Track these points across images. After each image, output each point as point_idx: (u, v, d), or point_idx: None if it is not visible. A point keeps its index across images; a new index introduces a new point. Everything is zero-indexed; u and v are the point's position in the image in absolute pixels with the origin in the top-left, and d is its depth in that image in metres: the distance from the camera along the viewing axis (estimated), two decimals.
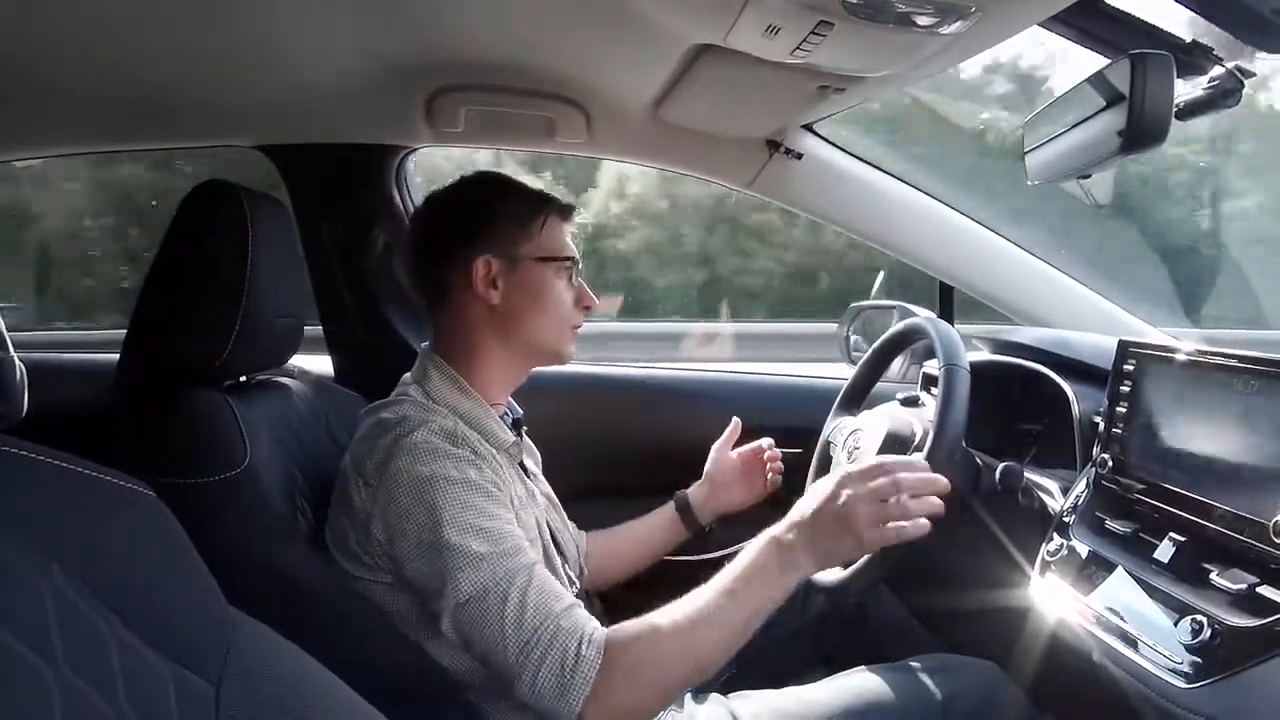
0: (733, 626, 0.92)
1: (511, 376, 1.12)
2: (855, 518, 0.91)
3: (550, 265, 1.09)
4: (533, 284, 1.08)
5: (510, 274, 1.07)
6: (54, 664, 0.47)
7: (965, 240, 1.58)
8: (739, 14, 0.93)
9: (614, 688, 0.88)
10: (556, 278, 1.09)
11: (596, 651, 0.88)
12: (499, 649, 0.89)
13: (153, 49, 1.17)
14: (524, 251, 1.08)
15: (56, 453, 0.58)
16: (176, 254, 1.03)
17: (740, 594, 0.92)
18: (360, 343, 1.65)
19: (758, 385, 1.84)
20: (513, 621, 0.89)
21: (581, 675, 0.87)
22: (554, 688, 0.87)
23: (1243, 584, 0.75)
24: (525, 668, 0.88)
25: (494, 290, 1.06)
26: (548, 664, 0.88)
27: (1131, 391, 0.97)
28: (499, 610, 0.89)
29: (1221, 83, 1.07)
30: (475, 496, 0.94)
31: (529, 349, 1.11)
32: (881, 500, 0.91)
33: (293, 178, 1.61)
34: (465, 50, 1.23)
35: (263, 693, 0.61)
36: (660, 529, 1.36)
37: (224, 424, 0.99)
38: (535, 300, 1.08)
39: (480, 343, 1.08)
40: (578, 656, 0.88)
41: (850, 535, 0.91)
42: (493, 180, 1.14)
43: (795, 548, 0.93)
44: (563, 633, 0.89)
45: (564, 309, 1.10)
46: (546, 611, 0.90)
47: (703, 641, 0.91)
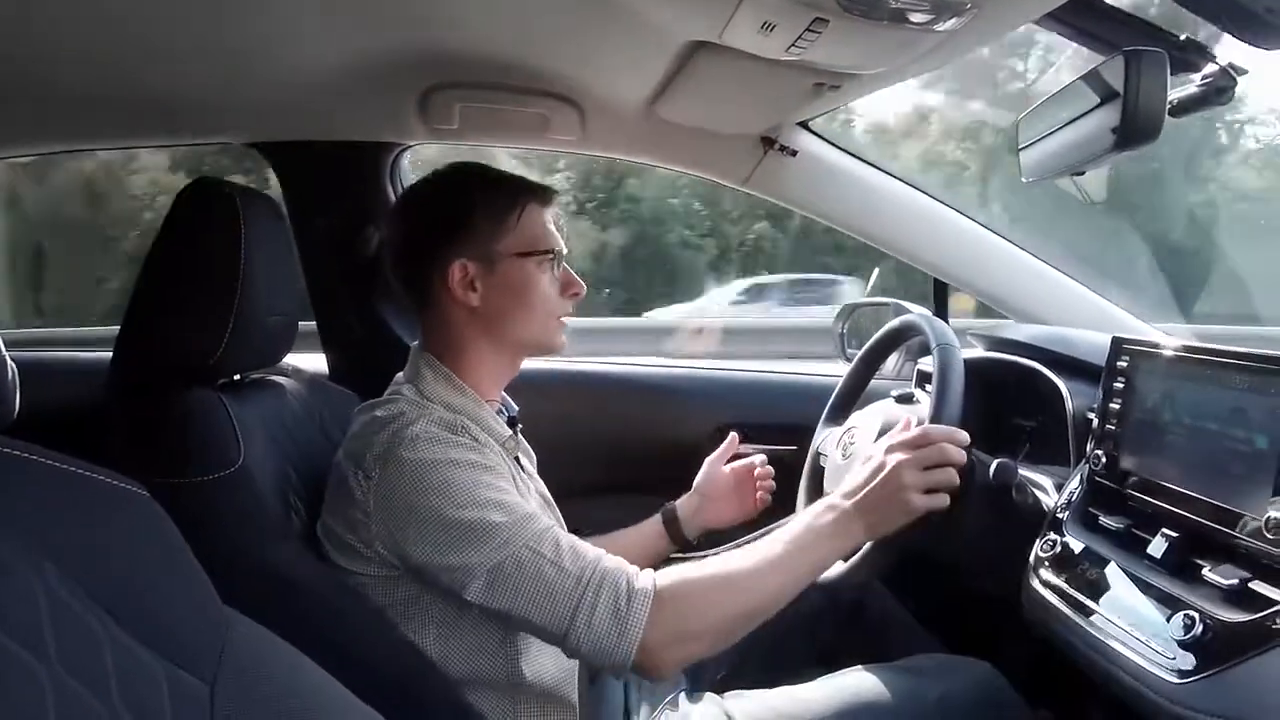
0: (782, 578, 0.93)
1: (502, 372, 1.11)
2: (904, 483, 0.95)
3: (530, 259, 1.06)
4: (513, 281, 1.05)
5: (489, 273, 1.04)
6: (47, 663, 0.47)
7: (959, 237, 1.59)
8: (734, 11, 0.93)
9: (669, 617, 0.89)
10: (539, 271, 1.06)
11: (647, 584, 0.89)
12: (545, 600, 0.88)
13: (147, 47, 1.16)
14: (501, 248, 1.05)
15: (49, 452, 0.58)
16: (170, 252, 1.03)
17: (792, 550, 0.94)
18: (355, 341, 1.65)
19: (753, 382, 1.84)
20: (553, 571, 0.89)
21: (638, 606, 0.88)
22: (610, 627, 0.87)
23: (1235, 579, 0.75)
24: (579, 614, 0.88)
25: (473, 293, 1.04)
26: (601, 605, 0.88)
27: (1125, 388, 0.97)
28: (535, 564, 0.89)
29: (1214, 80, 1.08)
30: (483, 474, 0.94)
31: (516, 345, 1.10)
32: (927, 468, 0.96)
33: (287, 175, 1.61)
34: (459, 47, 1.23)
35: (257, 692, 0.61)
36: (646, 541, 1.32)
37: (218, 423, 0.98)
38: (517, 298, 1.06)
39: (466, 342, 1.07)
40: (630, 592, 0.88)
41: (899, 501, 0.95)
42: (465, 173, 1.10)
43: (848, 514, 0.96)
44: (611, 571, 0.90)
45: (549, 302, 1.08)
46: (585, 558, 0.90)
47: (750, 588, 0.92)
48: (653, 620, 0.88)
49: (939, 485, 0.96)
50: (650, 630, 0.88)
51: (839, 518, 0.96)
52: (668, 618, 0.89)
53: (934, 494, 0.96)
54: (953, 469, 0.97)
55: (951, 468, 0.97)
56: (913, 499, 0.95)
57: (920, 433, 0.98)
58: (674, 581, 0.91)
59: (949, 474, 0.96)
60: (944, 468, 0.97)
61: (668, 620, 0.89)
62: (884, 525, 0.97)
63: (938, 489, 0.96)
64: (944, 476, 0.96)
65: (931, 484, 0.96)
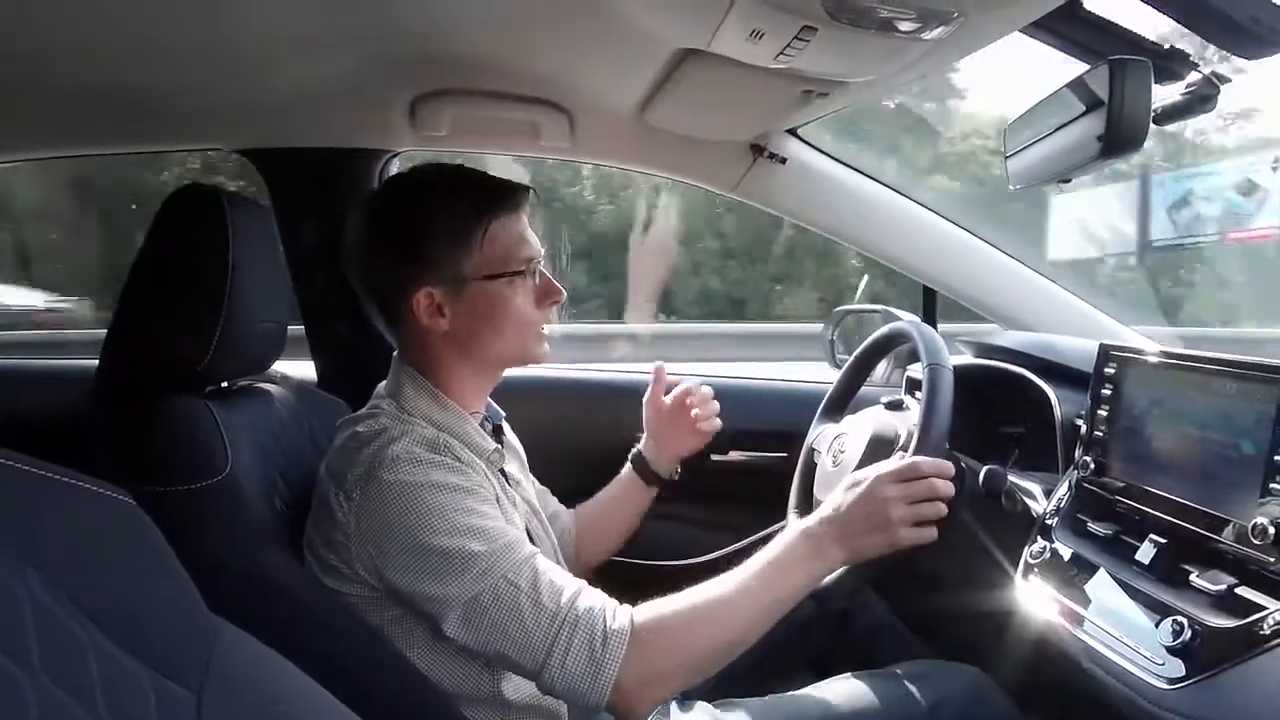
0: (759, 608, 0.92)
1: (482, 385, 1.09)
2: (890, 517, 0.94)
3: (500, 280, 1.01)
4: (483, 304, 1.01)
5: (457, 298, 1.01)
6: (31, 672, 0.47)
7: (948, 244, 1.60)
8: (723, 19, 0.93)
9: (644, 659, 0.87)
10: (509, 289, 1.02)
11: (623, 626, 0.88)
12: (519, 640, 0.87)
13: (133, 52, 1.15)
14: (467, 271, 1.00)
15: (34, 460, 0.57)
16: (157, 258, 1.02)
17: (769, 579, 0.93)
18: (343, 348, 1.64)
19: (742, 389, 1.84)
20: (530, 609, 0.87)
21: (613, 649, 0.86)
22: (586, 668, 0.86)
23: (1222, 585, 0.76)
24: (553, 654, 0.86)
25: (441, 318, 1.01)
26: (576, 645, 0.86)
27: (1113, 394, 0.98)
28: (512, 601, 0.87)
29: (1198, 88, 1.09)
30: (464, 499, 0.92)
31: (493, 362, 1.07)
32: (915, 501, 0.95)
33: (275, 182, 1.60)
34: (449, 54, 1.23)
35: (244, 700, 0.60)
36: (629, 488, 1.32)
37: (205, 430, 0.98)
38: (488, 320, 1.02)
39: (441, 361, 1.04)
40: (605, 631, 0.87)
41: (882, 533, 0.94)
42: (424, 185, 1.04)
43: (827, 540, 0.95)
44: (586, 612, 0.88)
45: (523, 317, 1.03)
46: (561, 595, 0.89)
47: (727, 620, 0.91)
48: (628, 661, 0.86)
49: (926, 519, 0.95)
50: (625, 671, 0.86)
51: (818, 546, 0.95)
52: (643, 658, 0.87)
53: (921, 526, 0.95)
54: (941, 504, 0.96)
55: (940, 503, 0.96)
56: (899, 533, 0.94)
57: (909, 465, 0.97)
58: (651, 619, 0.89)
59: (937, 507, 0.96)
60: (932, 501, 0.96)
61: (643, 661, 0.87)
62: (865, 553, 0.95)
63: (924, 521, 0.95)
64: (931, 510, 0.95)
65: (919, 517, 0.95)
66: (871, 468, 1.00)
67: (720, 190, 1.63)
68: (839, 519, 0.95)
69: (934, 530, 0.96)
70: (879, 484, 0.96)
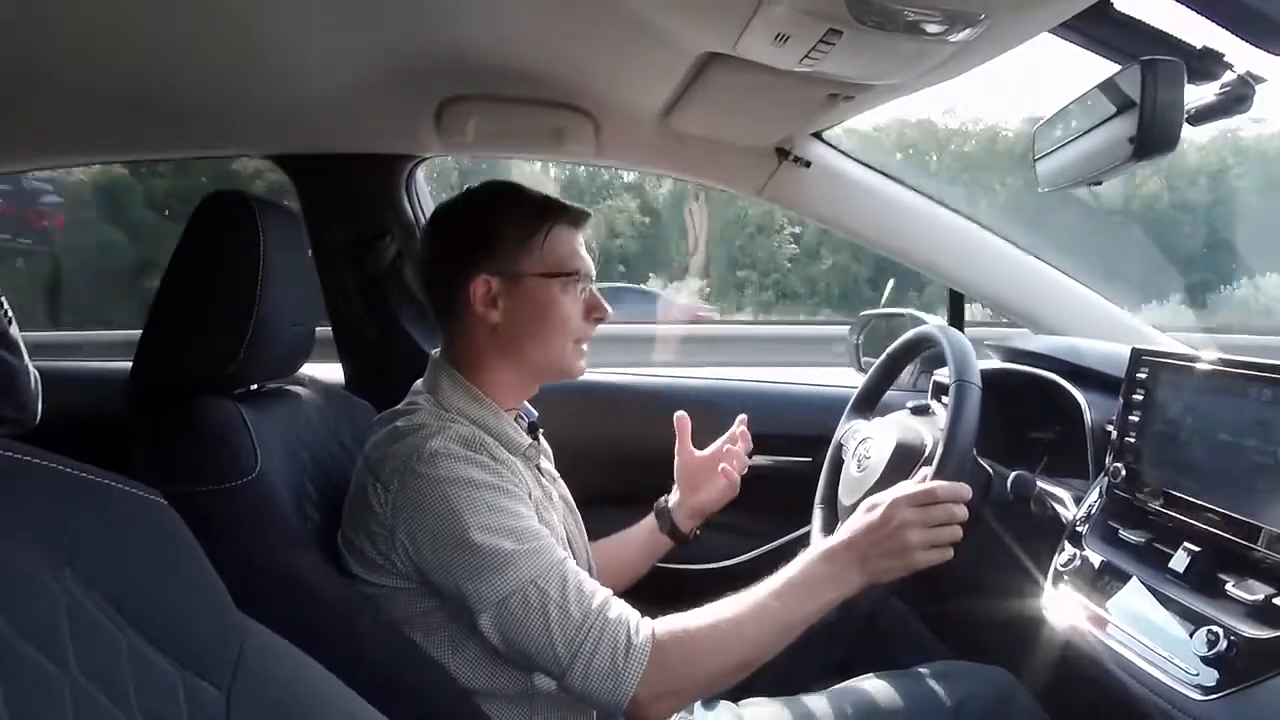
0: (776, 628, 0.93)
1: (521, 389, 1.11)
2: (908, 542, 0.95)
3: (555, 281, 1.06)
4: (536, 301, 1.05)
5: (511, 292, 1.05)
6: (66, 669, 0.47)
7: (975, 247, 1.58)
8: (748, 22, 0.93)
9: (663, 674, 0.89)
10: (562, 293, 1.06)
11: (646, 639, 0.90)
12: (545, 644, 0.89)
13: (163, 60, 1.17)
14: (525, 267, 1.05)
15: (69, 460, 0.59)
16: (189, 263, 1.04)
17: (787, 599, 0.94)
18: (371, 351, 1.66)
19: (768, 393, 1.84)
20: (557, 615, 0.89)
21: (634, 662, 0.88)
22: (607, 676, 0.88)
23: (1259, 595, 0.74)
24: (577, 659, 0.89)
25: (494, 310, 1.04)
26: (600, 654, 0.88)
27: (1145, 400, 0.96)
28: (540, 605, 0.89)
29: (1233, 88, 1.07)
30: (499, 498, 0.94)
31: (534, 367, 1.09)
32: (931, 525, 0.96)
33: (304, 187, 1.62)
34: (475, 59, 1.23)
35: (272, 699, 0.61)
36: (648, 538, 1.33)
37: (235, 432, 0.99)
38: (538, 318, 1.06)
39: (486, 359, 1.07)
40: (629, 645, 0.89)
41: (900, 557, 0.95)
42: (495, 192, 1.11)
43: (846, 563, 0.96)
44: (611, 623, 0.90)
45: (569, 324, 1.07)
46: (589, 603, 0.91)
47: (746, 638, 0.93)
48: (647, 675, 0.89)
49: (942, 542, 0.96)
50: (644, 685, 0.89)
51: (837, 569, 0.96)
52: (662, 673, 0.90)
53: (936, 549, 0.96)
54: (957, 526, 0.97)
55: (956, 525, 0.97)
56: (916, 556, 0.95)
57: (926, 491, 0.98)
58: (672, 635, 0.91)
59: (954, 531, 0.97)
60: (949, 526, 0.97)
61: (662, 676, 0.90)
62: (882, 576, 0.96)
63: (940, 544, 0.96)
64: (949, 535, 0.96)
65: (935, 542, 0.96)
66: (889, 491, 1.00)
67: (745, 194, 1.63)
68: (857, 543, 0.96)
69: (950, 551, 0.97)
70: (896, 509, 0.96)
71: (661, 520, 1.32)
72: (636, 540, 1.33)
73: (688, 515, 1.32)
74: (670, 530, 1.32)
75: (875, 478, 1.13)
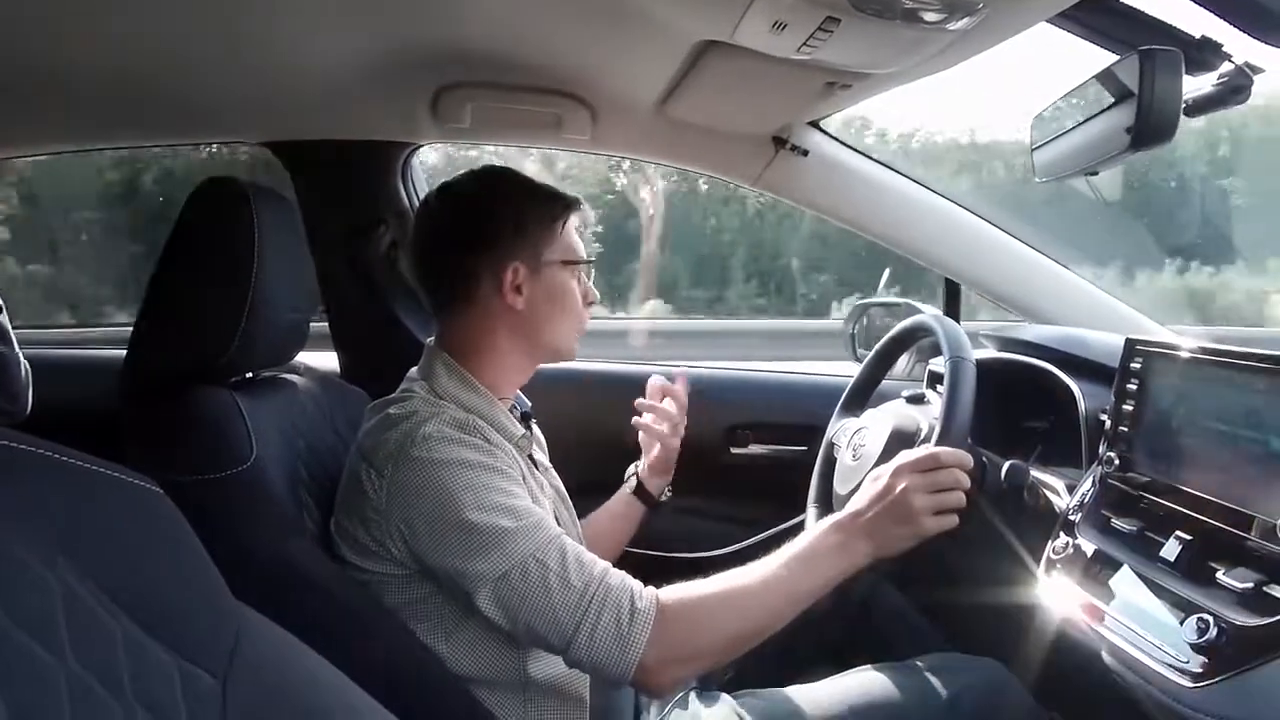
0: (784, 598, 0.94)
1: (520, 374, 1.12)
2: (913, 507, 0.95)
3: (569, 268, 1.09)
4: (554, 288, 1.08)
5: (534, 278, 1.07)
6: (62, 658, 0.48)
7: (971, 237, 1.58)
8: (746, 10, 0.93)
9: (669, 639, 0.90)
10: (573, 279, 1.10)
11: (650, 604, 0.90)
12: (548, 614, 0.89)
13: (161, 47, 1.17)
14: (547, 255, 1.08)
15: (63, 448, 0.58)
16: (184, 250, 1.03)
17: (795, 569, 0.95)
18: (366, 339, 1.66)
19: (761, 382, 1.84)
20: (558, 585, 0.90)
21: (639, 627, 0.89)
22: (613, 643, 0.89)
23: (1249, 582, 0.75)
24: (581, 627, 0.89)
25: (519, 296, 1.06)
26: (604, 621, 0.89)
27: (1138, 390, 0.96)
28: (541, 577, 0.90)
29: (1231, 79, 1.07)
30: (493, 478, 0.94)
31: (542, 349, 1.11)
32: (937, 491, 0.96)
33: (299, 174, 1.61)
34: (472, 46, 1.23)
35: (268, 686, 0.61)
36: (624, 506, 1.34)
37: (230, 420, 0.99)
38: (555, 304, 1.08)
39: (496, 343, 1.08)
40: (633, 610, 0.90)
41: (908, 524, 0.96)
42: (513, 179, 1.12)
43: (854, 534, 0.96)
44: (614, 589, 0.91)
45: (578, 309, 1.11)
46: (590, 572, 0.91)
47: (753, 606, 0.93)
48: (653, 640, 0.89)
49: (948, 508, 0.97)
50: (650, 649, 0.89)
51: (845, 539, 0.96)
52: (668, 638, 0.90)
53: (942, 515, 0.97)
54: (960, 492, 0.98)
55: (960, 490, 0.98)
56: (923, 522, 0.96)
57: (929, 455, 0.98)
58: (676, 601, 0.92)
59: (958, 496, 0.97)
60: (953, 491, 0.97)
61: (668, 640, 0.90)
62: (891, 546, 0.97)
63: (946, 510, 0.97)
64: (953, 499, 0.97)
65: (940, 506, 0.97)
66: (892, 461, 1.00)
67: (742, 183, 1.63)
68: (864, 512, 0.97)
69: (955, 518, 0.97)
70: (900, 474, 0.97)
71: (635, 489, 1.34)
72: (607, 513, 1.34)
73: (653, 474, 1.33)
74: (638, 490, 1.33)
75: (871, 464, 1.14)
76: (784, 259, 4.84)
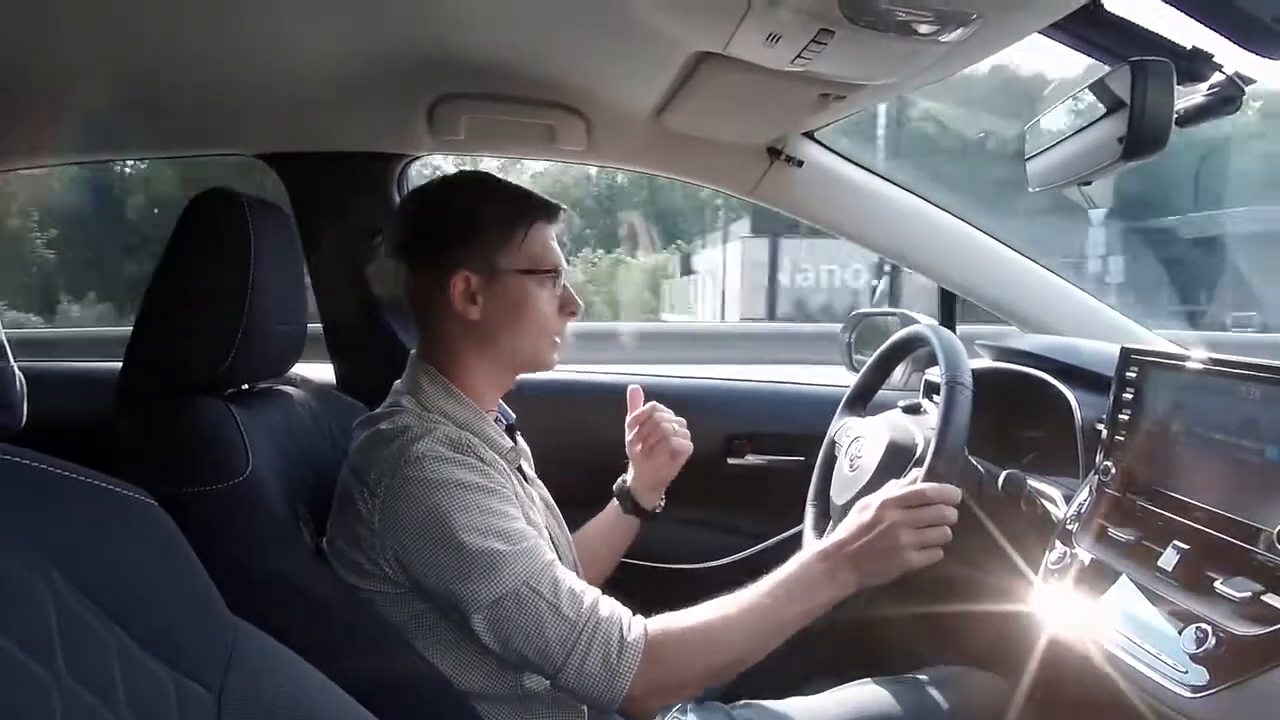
0: (769, 626, 0.94)
1: (497, 384, 1.10)
2: (899, 543, 0.96)
3: (532, 277, 1.05)
4: (513, 297, 1.05)
5: (490, 286, 1.04)
6: (56, 672, 0.47)
7: (966, 246, 1.58)
8: (740, 22, 0.93)
9: (657, 670, 0.91)
10: (539, 288, 1.06)
11: (639, 636, 0.91)
12: (539, 643, 0.90)
13: (153, 57, 1.17)
14: (505, 263, 1.04)
15: (58, 461, 0.58)
16: (180, 261, 1.03)
17: (780, 598, 0.95)
18: (362, 351, 1.65)
19: (755, 392, 1.84)
20: (550, 615, 0.90)
21: (628, 659, 0.89)
22: (601, 674, 0.89)
23: (1247, 592, 0.75)
24: (571, 657, 0.89)
25: (472, 305, 1.03)
26: (594, 651, 0.89)
27: (1134, 399, 0.97)
28: (534, 605, 0.90)
29: (1222, 89, 1.08)
30: (487, 499, 0.94)
31: (509, 360, 1.09)
32: (922, 526, 0.96)
33: (295, 186, 1.61)
34: (466, 58, 1.23)
35: (263, 700, 0.61)
36: (614, 522, 1.31)
37: (226, 432, 0.99)
38: (515, 314, 1.05)
39: (460, 353, 1.06)
40: (622, 642, 0.90)
41: (892, 559, 0.96)
42: (475, 183, 1.10)
43: (840, 564, 0.96)
44: (604, 621, 0.91)
45: (545, 320, 1.07)
46: (581, 602, 0.92)
47: (739, 635, 0.94)
48: (641, 671, 0.90)
49: (932, 543, 0.97)
50: (638, 681, 0.90)
51: (830, 568, 0.96)
52: (656, 669, 0.91)
53: (927, 550, 0.97)
54: (947, 527, 0.98)
55: (946, 526, 0.98)
56: (908, 556, 0.96)
57: (916, 492, 0.98)
58: (665, 633, 0.92)
59: (944, 532, 0.97)
60: (939, 526, 0.97)
61: (655, 672, 0.91)
62: (875, 577, 0.97)
63: (931, 545, 0.97)
64: (938, 535, 0.97)
65: (925, 543, 0.97)
66: (879, 492, 1.01)
67: (737, 194, 1.63)
68: (849, 542, 0.97)
69: (939, 553, 0.97)
70: (886, 510, 0.97)
71: (623, 501, 1.30)
72: (601, 529, 1.31)
73: (647, 487, 1.29)
74: (633, 508, 1.29)
75: (867, 477, 1.14)
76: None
